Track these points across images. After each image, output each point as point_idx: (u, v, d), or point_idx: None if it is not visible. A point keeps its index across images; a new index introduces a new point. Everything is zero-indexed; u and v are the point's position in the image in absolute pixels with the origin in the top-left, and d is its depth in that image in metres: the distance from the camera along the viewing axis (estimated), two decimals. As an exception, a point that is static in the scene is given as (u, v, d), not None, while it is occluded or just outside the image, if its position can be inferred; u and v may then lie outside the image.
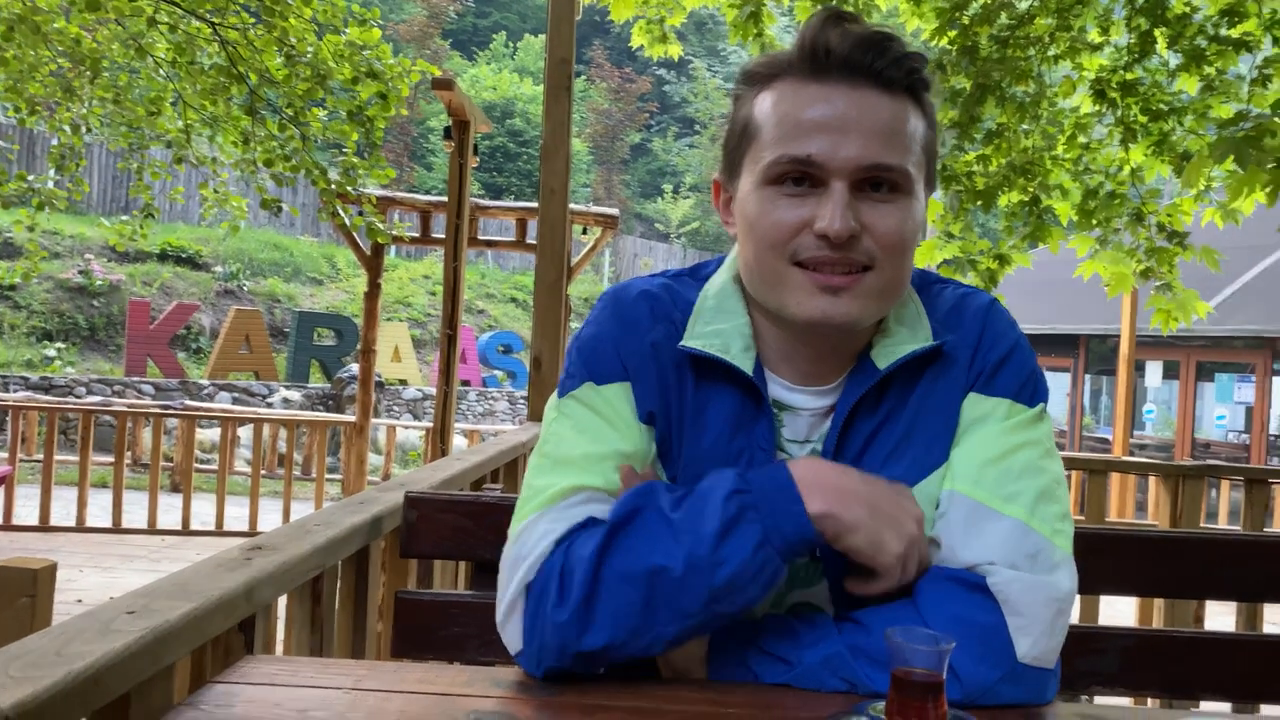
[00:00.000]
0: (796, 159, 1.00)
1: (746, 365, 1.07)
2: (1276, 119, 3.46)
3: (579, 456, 1.05)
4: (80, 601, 5.42)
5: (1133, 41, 4.67)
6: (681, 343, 1.08)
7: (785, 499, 0.95)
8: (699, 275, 1.17)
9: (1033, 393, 1.09)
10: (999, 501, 1.02)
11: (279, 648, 1.51)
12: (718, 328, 1.09)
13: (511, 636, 1.01)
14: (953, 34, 4.70)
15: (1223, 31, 4.56)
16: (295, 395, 14.02)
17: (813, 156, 1.00)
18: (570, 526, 1.01)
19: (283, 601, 1.37)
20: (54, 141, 7.26)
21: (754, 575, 0.95)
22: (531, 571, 1.00)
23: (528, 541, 1.02)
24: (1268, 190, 3.22)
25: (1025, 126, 4.95)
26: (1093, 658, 1.42)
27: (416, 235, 8.39)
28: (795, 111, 1.02)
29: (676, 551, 0.95)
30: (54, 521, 7.40)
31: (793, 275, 1.02)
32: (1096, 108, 4.87)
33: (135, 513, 7.74)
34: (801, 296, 1.02)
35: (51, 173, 7.29)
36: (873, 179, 1.01)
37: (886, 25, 1.06)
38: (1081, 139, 5.11)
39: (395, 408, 15.25)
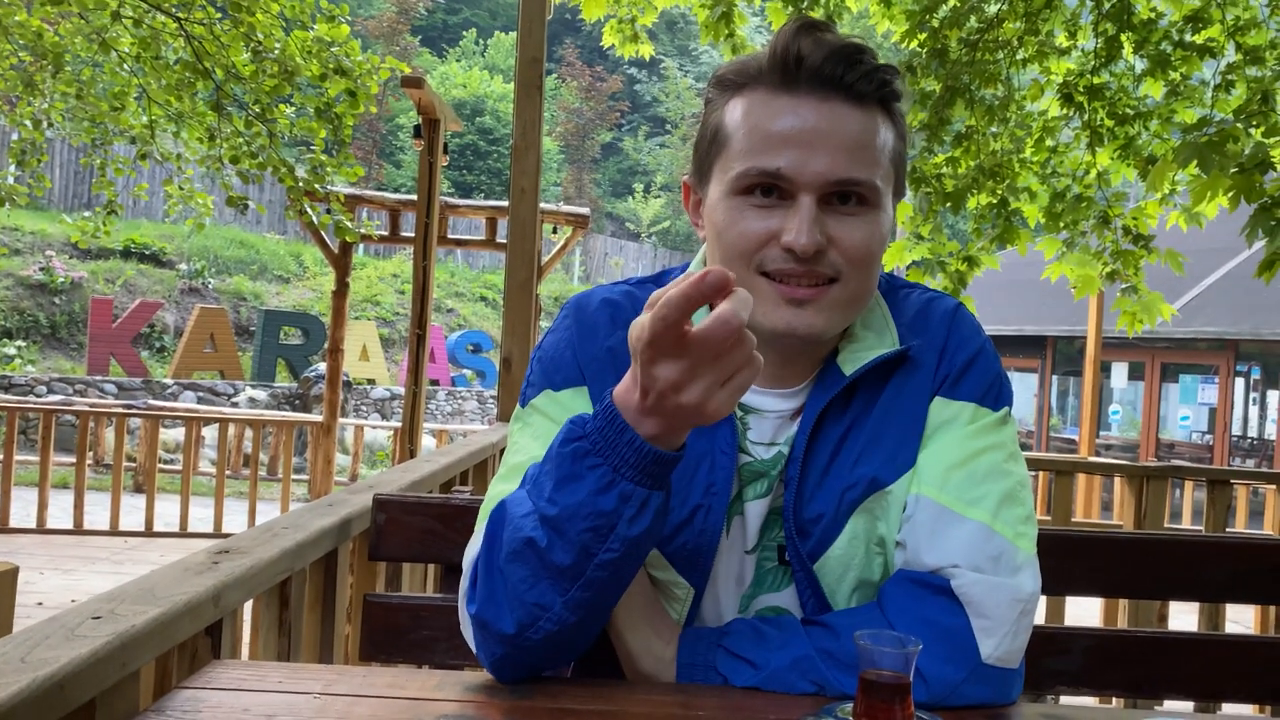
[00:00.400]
0: (765, 172, 1.01)
1: None
2: (1239, 124, 3.52)
3: (533, 461, 1.05)
4: (41, 604, 5.34)
5: (1099, 46, 4.73)
6: None
7: (615, 430, 0.89)
8: (663, 282, 1.17)
9: (997, 396, 1.10)
10: (963, 505, 1.03)
11: (245, 652, 1.50)
12: None
13: (471, 643, 1.02)
14: (923, 36, 4.74)
15: (1187, 37, 4.63)
16: (261, 395, 13.89)
17: (781, 170, 1.00)
18: None
19: (248, 605, 1.36)
20: (15, 136, 7.15)
21: (613, 512, 0.89)
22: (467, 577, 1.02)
23: (472, 547, 1.04)
24: (1230, 194, 3.27)
25: (994, 129, 5.00)
26: (1058, 658, 1.44)
27: (385, 234, 8.34)
28: (765, 123, 1.02)
29: (533, 517, 0.93)
30: (14, 523, 7.30)
31: (759, 285, 1.03)
32: (1064, 111, 4.93)
33: (97, 514, 7.63)
34: (767, 308, 1.02)
35: (12, 168, 7.18)
36: (840, 192, 1.02)
37: (858, 36, 1.06)
38: (1049, 142, 5.17)
39: (363, 407, 15.15)
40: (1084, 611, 5.25)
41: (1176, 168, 3.55)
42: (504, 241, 4.69)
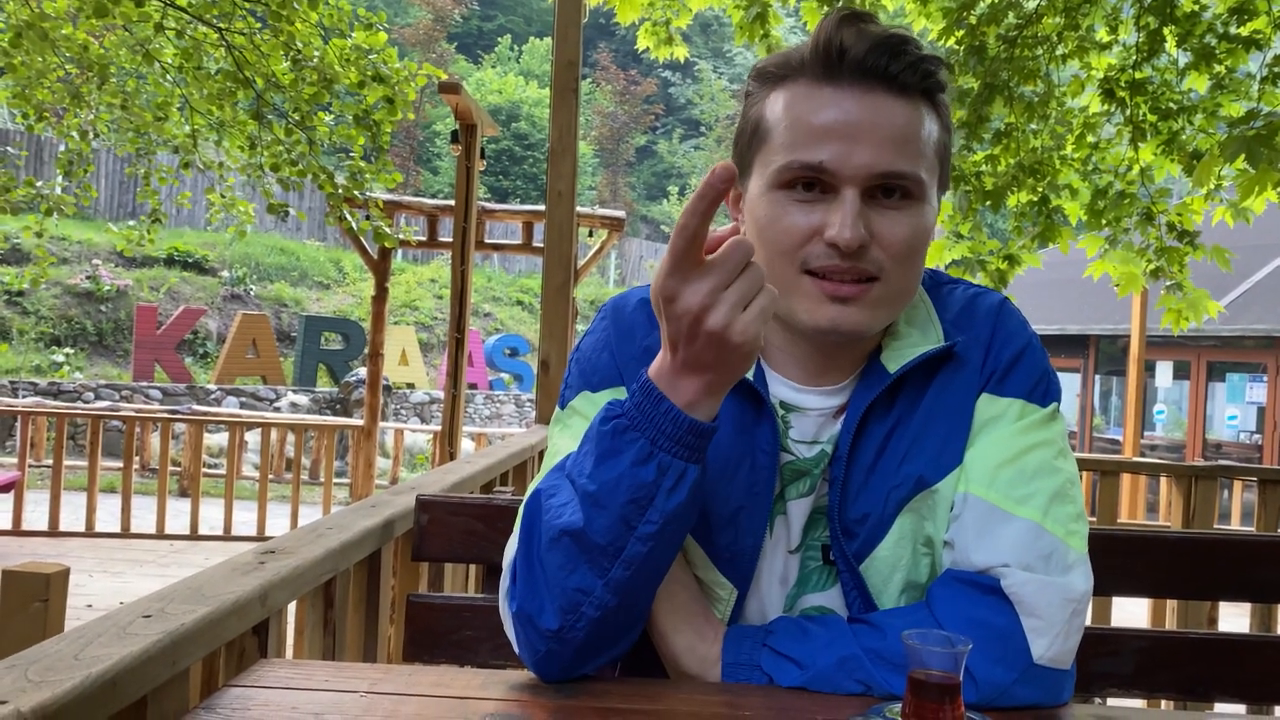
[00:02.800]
0: (808, 165, 0.99)
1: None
2: (1287, 117, 3.44)
3: None
4: (90, 606, 5.43)
5: (1141, 40, 4.66)
6: None
7: (652, 401, 0.92)
8: None
9: (1045, 392, 1.08)
10: (1012, 503, 1.01)
11: (289, 651, 1.51)
12: None
13: (516, 647, 1.02)
14: (960, 34, 4.69)
15: (1232, 29, 4.55)
16: (303, 399, 14.04)
17: (824, 163, 0.99)
18: None
19: (291, 606, 1.37)
20: (62, 147, 7.28)
21: (652, 483, 0.91)
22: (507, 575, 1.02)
23: (511, 547, 1.04)
24: (1279, 189, 3.21)
25: (1034, 126, 4.94)
26: (1107, 659, 1.42)
27: (423, 239, 8.40)
28: (807, 115, 1.01)
29: (574, 500, 0.94)
30: (63, 527, 7.43)
31: (802, 283, 1.02)
32: (1105, 107, 4.86)
33: (143, 518, 7.76)
34: (811, 305, 1.01)
35: (59, 178, 7.31)
36: (885, 186, 1.00)
37: (902, 27, 1.05)
38: (1090, 138, 5.10)
39: (403, 411, 15.27)
40: (1129, 615, 5.17)
41: (1223, 162, 3.49)
42: (540, 245, 4.71)
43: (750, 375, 1.06)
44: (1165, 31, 4.61)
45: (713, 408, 0.93)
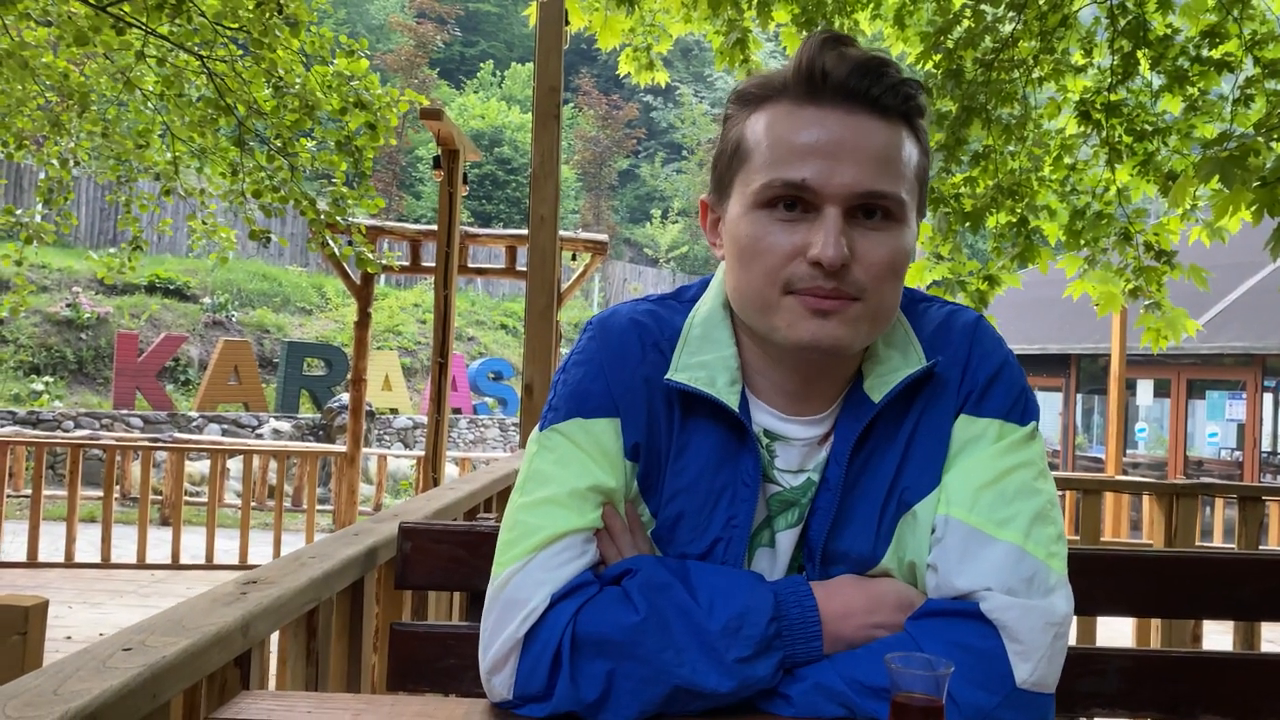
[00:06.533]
0: (790, 183, 0.99)
1: (732, 400, 1.06)
2: (1260, 138, 3.49)
3: (565, 494, 1.04)
4: (69, 638, 5.36)
5: (1116, 63, 4.72)
6: (667, 376, 1.07)
7: (807, 635, 0.99)
8: (683, 299, 1.16)
9: (1024, 411, 1.08)
10: (994, 526, 1.01)
11: (271, 682, 1.49)
12: (703, 359, 1.08)
13: (501, 685, 1.00)
14: (937, 58, 4.74)
15: (1204, 52, 4.62)
16: (285, 426, 13.97)
17: (807, 181, 0.99)
18: (568, 583, 1.00)
19: (274, 636, 1.36)
20: (42, 175, 7.25)
21: (756, 687, 0.98)
22: (528, 624, 0.99)
23: (522, 587, 1.00)
24: (1253, 208, 3.24)
25: (1011, 148, 4.99)
26: (1092, 679, 1.42)
27: (406, 264, 8.40)
28: (789, 135, 1.01)
29: (708, 671, 0.97)
30: (42, 557, 7.34)
31: (784, 302, 1.01)
32: (1082, 129, 4.92)
33: (124, 547, 7.68)
34: (791, 320, 1.01)
35: (39, 206, 7.27)
36: (866, 206, 1.00)
37: (882, 51, 1.06)
38: (1067, 160, 5.15)
39: (386, 437, 15.21)
40: (1115, 633, 5.18)
41: (1198, 183, 3.53)
42: (524, 269, 4.71)
43: (735, 405, 1.06)
44: (1139, 54, 4.67)
45: None
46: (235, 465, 11.03)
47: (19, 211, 7.18)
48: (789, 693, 0.99)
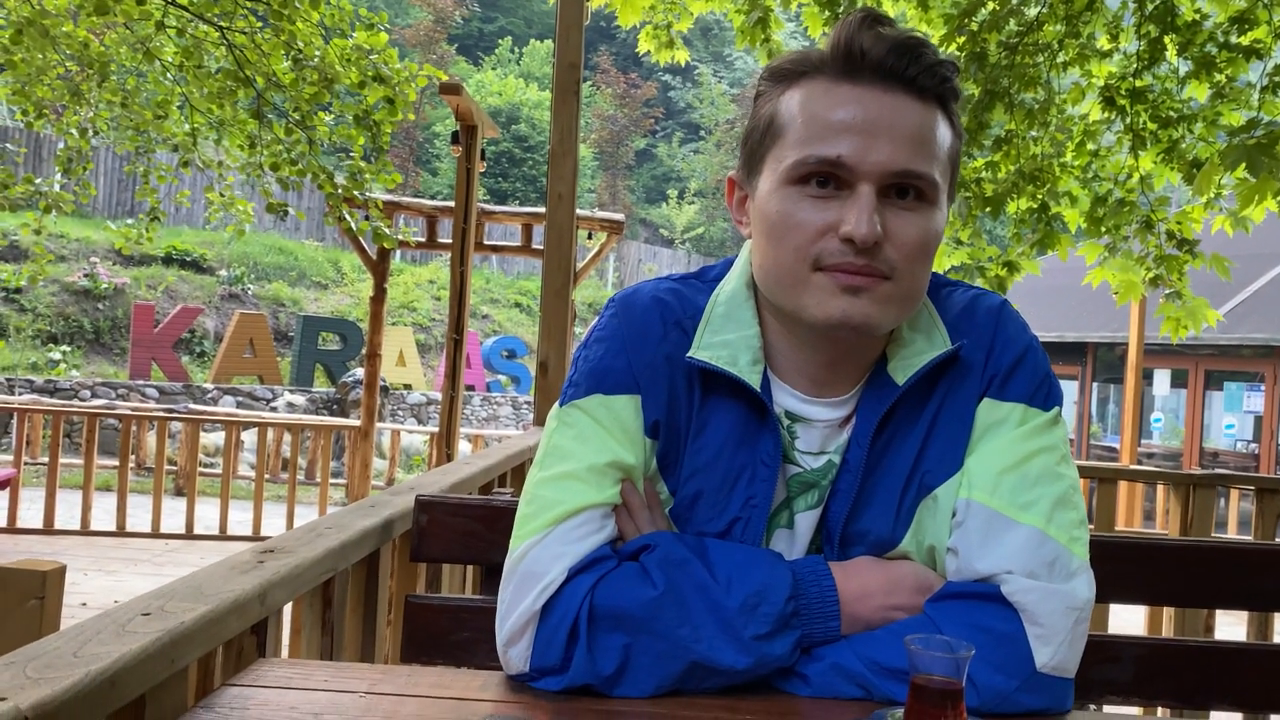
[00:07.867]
0: (825, 159, 0.98)
1: (754, 379, 1.05)
2: (1287, 127, 3.45)
3: (584, 470, 1.04)
4: (85, 605, 5.42)
5: (1142, 48, 4.66)
6: (689, 353, 1.07)
7: (825, 614, 1.00)
8: (706, 278, 1.16)
9: (1046, 396, 1.08)
10: (1016, 510, 1.01)
11: (285, 651, 1.50)
12: (726, 338, 1.07)
13: (517, 657, 1.00)
14: (961, 40, 4.69)
15: (1233, 39, 4.55)
16: (299, 399, 14.02)
17: (842, 158, 0.98)
18: (585, 556, 1.00)
19: (288, 606, 1.37)
20: (61, 145, 7.27)
21: (773, 665, 0.99)
22: (545, 596, 0.99)
23: (540, 560, 1.01)
24: (1278, 198, 3.21)
25: (1034, 133, 4.94)
26: (1105, 667, 1.41)
27: (422, 240, 8.40)
28: (825, 111, 1.00)
29: (725, 648, 0.98)
30: (58, 525, 7.41)
31: (814, 279, 1.00)
32: (1105, 114, 4.86)
33: (139, 516, 7.75)
34: (821, 297, 1.00)
35: (58, 176, 7.28)
36: (899, 185, 0.99)
37: (919, 31, 1.05)
38: (1090, 146, 5.10)
39: (399, 412, 15.26)
40: (1126, 623, 5.17)
41: (1223, 171, 3.49)
42: (540, 247, 4.71)
43: (756, 384, 1.05)
44: (1166, 40, 4.61)
45: None
46: (249, 437, 11.09)
47: (38, 180, 7.20)
48: (806, 672, 0.99)
